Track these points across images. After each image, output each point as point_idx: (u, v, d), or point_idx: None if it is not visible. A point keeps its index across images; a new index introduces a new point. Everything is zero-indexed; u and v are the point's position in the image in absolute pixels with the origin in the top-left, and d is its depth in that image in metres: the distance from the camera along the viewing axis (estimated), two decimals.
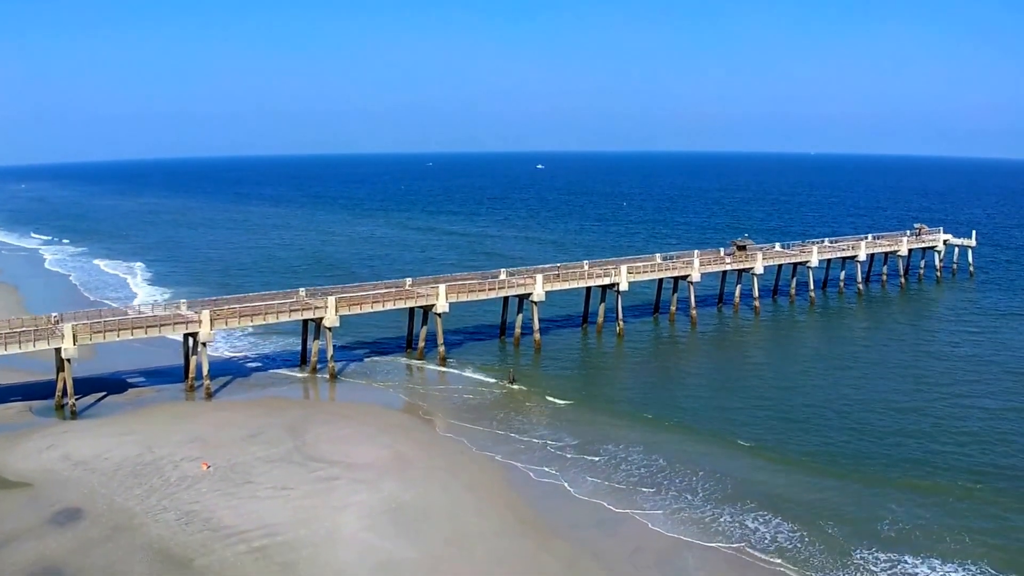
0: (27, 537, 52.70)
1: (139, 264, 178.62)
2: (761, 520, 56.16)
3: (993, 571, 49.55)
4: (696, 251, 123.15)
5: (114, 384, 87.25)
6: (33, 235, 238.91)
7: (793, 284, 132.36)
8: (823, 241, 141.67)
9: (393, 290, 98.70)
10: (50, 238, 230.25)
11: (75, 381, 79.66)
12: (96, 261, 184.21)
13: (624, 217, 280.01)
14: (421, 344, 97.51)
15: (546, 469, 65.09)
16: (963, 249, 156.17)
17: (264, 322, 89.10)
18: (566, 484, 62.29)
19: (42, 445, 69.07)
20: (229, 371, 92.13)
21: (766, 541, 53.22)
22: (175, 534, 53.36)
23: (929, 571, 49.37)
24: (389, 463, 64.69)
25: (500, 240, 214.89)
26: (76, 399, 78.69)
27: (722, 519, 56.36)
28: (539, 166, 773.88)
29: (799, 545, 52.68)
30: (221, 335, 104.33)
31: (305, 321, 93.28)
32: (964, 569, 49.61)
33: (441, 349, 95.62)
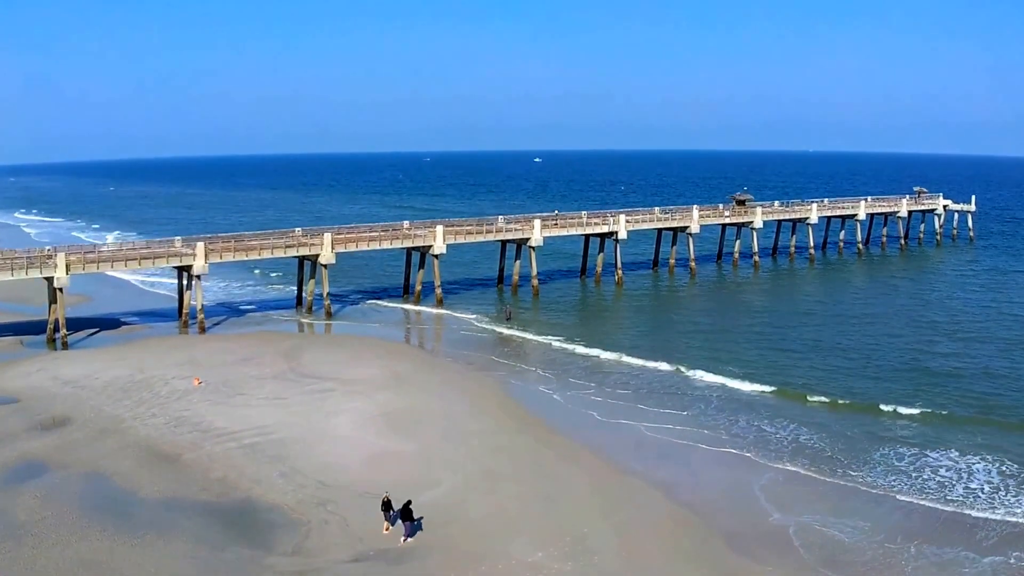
0: (9, 440, 51.57)
1: (132, 236, 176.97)
2: (777, 425, 54.58)
3: (1014, 463, 48.61)
4: (695, 205, 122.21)
5: (107, 322, 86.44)
6: (17, 215, 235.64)
7: (793, 242, 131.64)
8: (823, 200, 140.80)
9: (390, 231, 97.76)
10: (38, 218, 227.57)
11: (68, 321, 78.68)
12: (82, 235, 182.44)
13: (621, 199, 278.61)
14: (418, 288, 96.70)
15: (542, 388, 64.15)
16: (963, 214, 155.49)
17: (259, 256, 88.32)
18: (562, 400, 61.30)
19: (31, 369, 68.14)
20: (224, 313, 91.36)
21: (782, 444, 51.56)
22: (163, 435, 52.46)
23: (951, 463, 48.45)
24: (385, 379, 63.83)
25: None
26: (68, 334, 77.65)
27: (737, 424, 54.85)
28: (536, 160, 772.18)
29: (818, 446, 51.09)
30: (218, 285, 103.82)
31: (301, 261, 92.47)
32: (984, 460, 48.74)
33: (438, 292, 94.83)
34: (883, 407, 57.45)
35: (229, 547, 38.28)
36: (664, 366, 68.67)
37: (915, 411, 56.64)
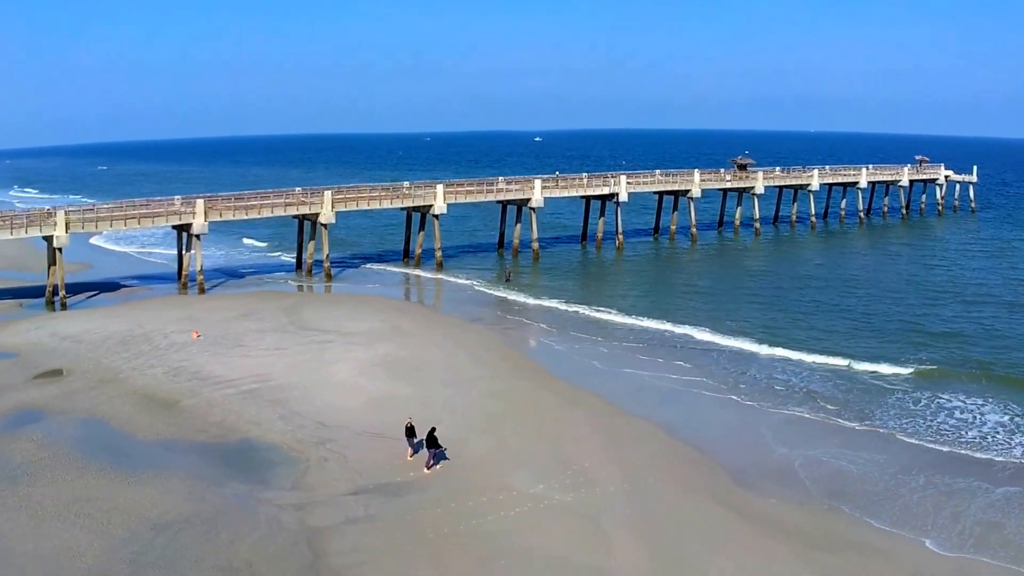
0: (6, 391, 51.12)
1: None
2: (783, 377, 53.76)
3: (1013, 399, 48.71)
4: (696, 169, 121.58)
5: (106, 286, 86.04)
6: (12, 193, 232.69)
7: (794, 210, 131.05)
8: (824, 167, 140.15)
9: (391, 190, 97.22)
10: (35, 195, 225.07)
11: (68, 286, 78.10)
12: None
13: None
14: (418, 251, 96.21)
15: (543, 340, 63.92)
16: (964, 185, 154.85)
17: (259, 215, 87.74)
18: (563, 350, 60.93)
19: (30, 327, 67.67)
20: (223, 277, 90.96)
21: (789, 393, 50.74)
22: (161, 384, 52.06)
23: (963, 409, 48.05)
24: (385, 332, 63.46)
25: None
26: (67, 296, 77.15)
27: (743, 376, 53.98)
28: (537, 139, 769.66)
29: (826, 395, 50.39)
30: (218, 252, 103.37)
31: (300, 223, 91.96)
32: (997, 409, 48.18)
33: (438, 253, 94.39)
34: (891, 362, 56.17)
35: (227, 483, 37.99)
36: (667, 324, 67.73)
37: (924, 367, 55.35)
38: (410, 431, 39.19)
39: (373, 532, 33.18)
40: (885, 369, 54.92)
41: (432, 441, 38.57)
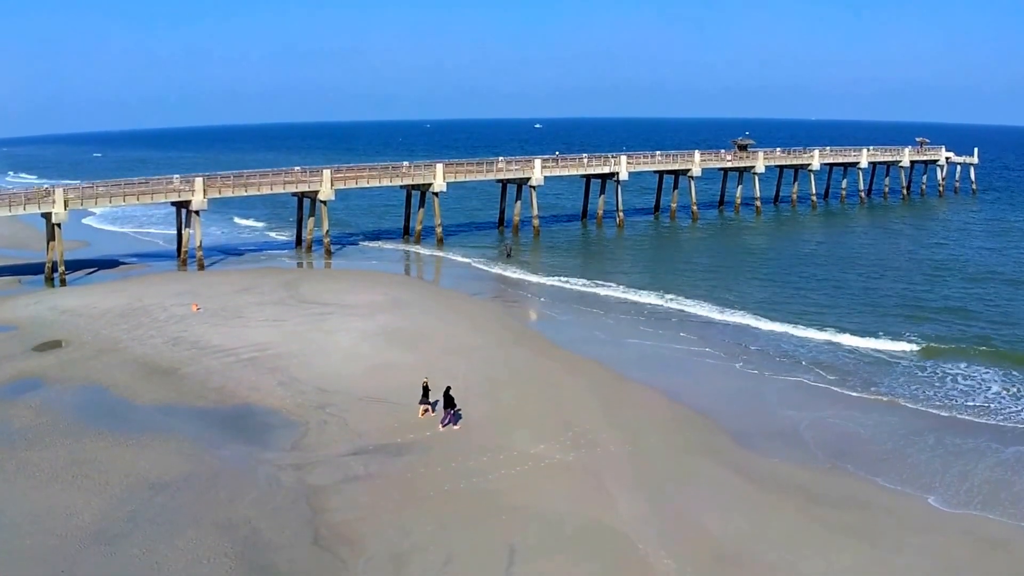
0: (5, 361, 50.85)
1: None
2: (786, 348, 53.35)
3: (1017, 371, 48.28)
4: (696, 150, 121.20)
5: (106, 263, 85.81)
6: (8, 178, 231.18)
7: (795, 189, 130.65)
8: (825, 148, 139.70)
9: (390, 169, 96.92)
10: (32, 179, 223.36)
11: (67, 263, 77.81)
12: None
13: None
14: (418, 228, 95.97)
15: (544, 312, 63.98)
16: (965, 166, 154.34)
17: (259, 192, 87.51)
18: (564, 321, 60.75)
19: (29, 302, 67.43)
20: (223, 253, 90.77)
21: (794, 362, 50.23)
22: (161, 353, 51.83)
23: (965, 374, 47.97)
24: (385, 304, 63.25)
25: None
26: (66, 272, 76.91)
27: (746, 347, 53.46)
28: (537, 126, 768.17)
29: (832, 364, 49.94)
30: (217, 231, 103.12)
31: (300, 200, 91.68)
32: (995, 373, 48.18)
33: (439, 230, 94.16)
34: (893, 336, 55.34)
35: (226, 445, 37.80)
36: (668, 298, 67.31)
37: (927, 341, 54.47)
38: (425, 390, 39.50)
39: (372, 490, 32.98)
40: (888, 342, 54.21)
41: (448, 401, 38.66)
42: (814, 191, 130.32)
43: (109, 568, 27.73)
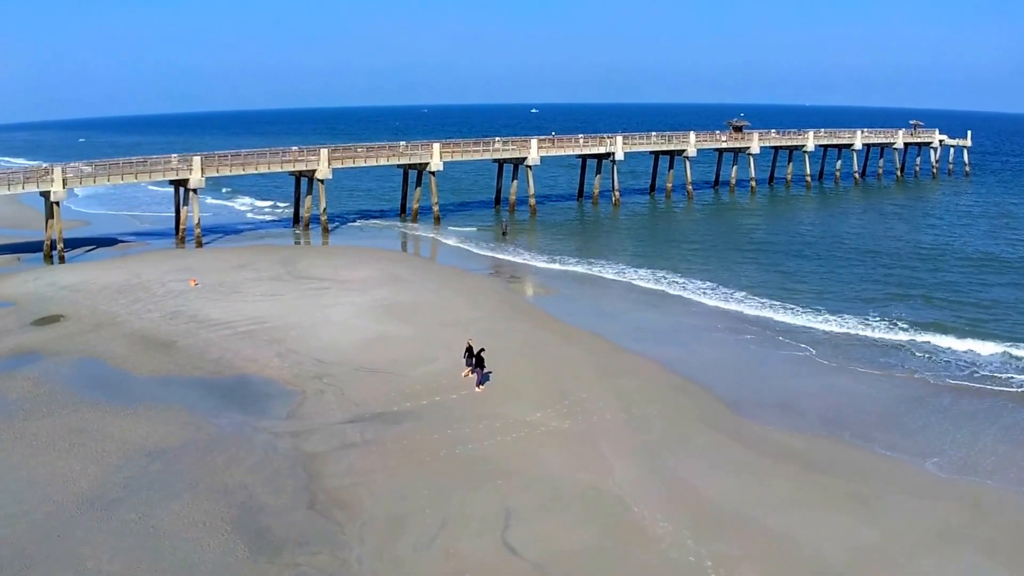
0: (3, 335, 50.77)
1: None
2: (788, 318, 53.96)
3: (1006, 342, 48.48)
4: (692, 131, 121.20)
5: (104, 241, 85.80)
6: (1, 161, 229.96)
7: (790, 170, 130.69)
8: (819, 129, 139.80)
9: (387, 148, 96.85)
10: (24, 161, 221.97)
11: (66, 241, 77.72)
12: None
13: None
14: (415, 207, 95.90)
15: (541, 287, 64.14)
16: (958, 149, 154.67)
17: (256, 171, 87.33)
18: (561, 295, 60.78)
19: (28, 278, 67.28)
20: (220, 232, 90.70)
21: (792, 338, 50.02)
22: (159, 326, 51.82)
23: (961, 350, 47.89)
24: (382, 279, 63.27)
25: None
26: (65, 250, 76.80)
27: (742, 324, 53.15)
28: (533, 111, 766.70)
29: (831, 340, 49.78)
30: (215, 212, 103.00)
31: (297, 179, 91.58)
32: (986, 343, 48.44)
33: (435, 209, 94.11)
34: (889, 315, 55.25)
35: (223, 414, 37.84)
36: (664, 276, 67.18)
37: (925, 322, 54.06)
38: (469, 351, 40.32)
39: (369, 456, 33.07)
40: (885, 320, 54.08)
41: (480, 361, 39.35)
42: (808, 172, 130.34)
43: (105, 532, 27.80)
